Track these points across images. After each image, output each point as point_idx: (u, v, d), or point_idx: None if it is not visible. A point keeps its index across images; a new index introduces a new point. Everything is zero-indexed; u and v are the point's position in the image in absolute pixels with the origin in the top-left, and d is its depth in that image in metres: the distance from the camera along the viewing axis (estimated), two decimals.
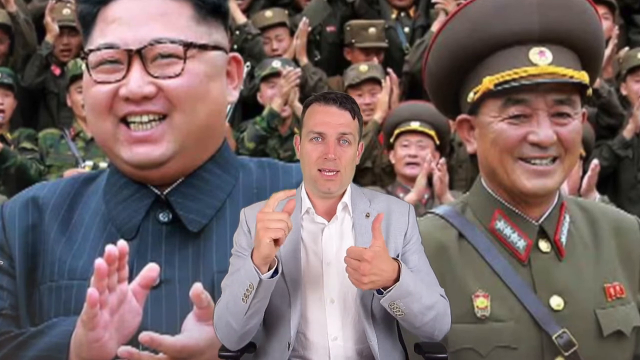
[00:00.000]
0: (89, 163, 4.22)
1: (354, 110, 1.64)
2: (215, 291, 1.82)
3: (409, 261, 1.66)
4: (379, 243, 1.55)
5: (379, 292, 1.57)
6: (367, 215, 1.65)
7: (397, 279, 1.55)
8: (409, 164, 4.07)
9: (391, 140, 4.17)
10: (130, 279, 1.78)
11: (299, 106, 4.51)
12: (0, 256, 2.00)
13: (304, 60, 4.90)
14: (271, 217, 1.52)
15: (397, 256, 1.64)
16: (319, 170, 1.61)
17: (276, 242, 1.52)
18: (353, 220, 1.66)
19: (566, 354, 1.89)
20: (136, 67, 1.92)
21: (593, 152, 4.13)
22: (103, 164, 3.93)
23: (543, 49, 1.93)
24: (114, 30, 1.95)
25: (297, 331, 1.62)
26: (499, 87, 1.92)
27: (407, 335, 1.72)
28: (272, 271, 1.55)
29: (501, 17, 1.94)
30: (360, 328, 1.63)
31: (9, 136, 4.49)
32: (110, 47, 1.94)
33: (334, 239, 1.65)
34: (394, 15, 5.41)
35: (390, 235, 1.65)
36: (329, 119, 1.62)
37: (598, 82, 4.23)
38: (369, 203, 1.68)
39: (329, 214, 1.66)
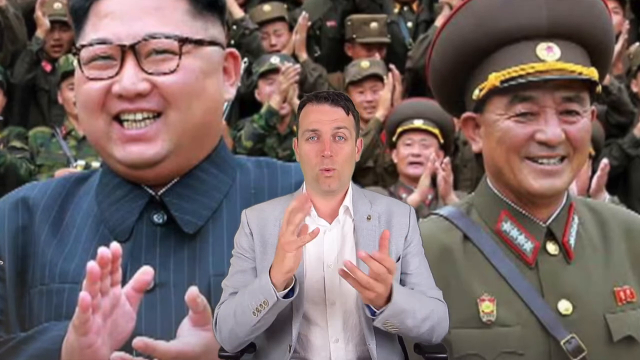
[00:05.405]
0: (81, 162, 4.19)
1: (348, 106, 1.65)
2: (211, 295, 1.78)
3: (410, 264, 1.66)
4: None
5: (372, 312, 1.56)
6: (369, 218, 1.65)
7: (388, 298, 1.54)
8: (412, 163, 4.05)
9: (394, 138, 4.14)
10: (124, 282, 1.72)
11: (298, 103, 4.48)
12: None
13: (304, 56, 4.88)
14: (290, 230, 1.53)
15: (398, 259, 1.64)
16: (319, 169, 1.62)
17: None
18: (354, 224, 1.66)
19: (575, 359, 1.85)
20: (130, 63, 1.87)
21: (603, 151, 4.11)
22: (95, 164, 3.90)
23: (551, 44, 1.89)
24: (106, 25, 1.89)
25: (298, 333, 1.61)
26: (505, 84, 1.88)
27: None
28: (288, 290, 1.55)
29: (508, 12, 1.90)
30: (361, 330, 1.62)
31: None
32: (102, 42, 1.88)
33: (335, 242, 1.65)
34: (396, 10, 5.39)
35: (391, 237, 1.63)
36: (322, 116, 1.64)
37: (608, 79, 4.19)
38: (369, 205, 1.68)
39: (331, 216, 1.66)
